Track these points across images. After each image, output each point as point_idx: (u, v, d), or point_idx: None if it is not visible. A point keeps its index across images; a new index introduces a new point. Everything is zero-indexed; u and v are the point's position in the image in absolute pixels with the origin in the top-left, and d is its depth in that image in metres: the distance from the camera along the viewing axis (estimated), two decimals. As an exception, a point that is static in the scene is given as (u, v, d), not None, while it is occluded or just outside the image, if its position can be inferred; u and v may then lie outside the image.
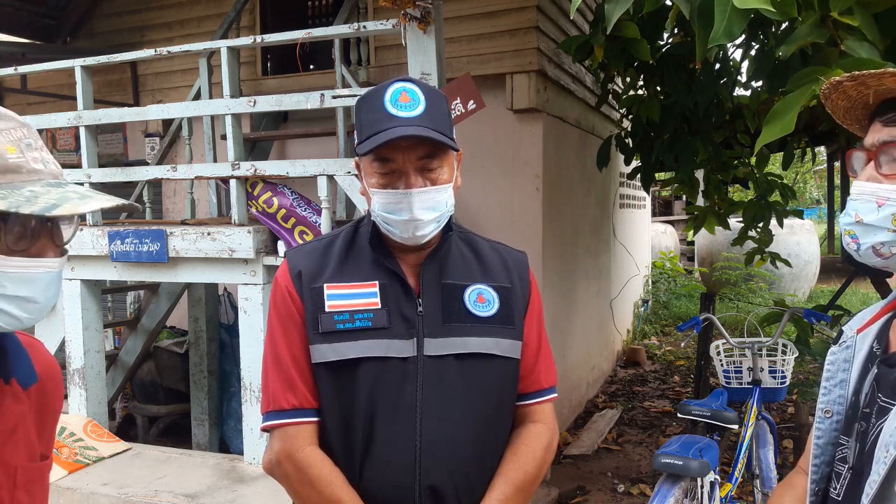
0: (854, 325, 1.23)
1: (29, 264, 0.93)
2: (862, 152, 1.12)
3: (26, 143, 0.94)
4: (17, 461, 1.02)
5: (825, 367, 1.23)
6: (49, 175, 0.96)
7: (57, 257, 0.98)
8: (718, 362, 3.73)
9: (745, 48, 4.05)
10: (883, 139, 1.07)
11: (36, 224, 0.93)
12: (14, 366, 1.02)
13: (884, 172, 1.07)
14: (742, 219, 5.26)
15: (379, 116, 1.32)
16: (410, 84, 1.35)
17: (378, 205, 1.36)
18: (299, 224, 3.55)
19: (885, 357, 1.12)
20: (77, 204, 0.91)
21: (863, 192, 1.08)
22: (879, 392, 1.09)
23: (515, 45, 4.63)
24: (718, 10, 1.99)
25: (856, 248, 1.10)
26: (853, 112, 1.16)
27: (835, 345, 1.24)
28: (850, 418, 1.15)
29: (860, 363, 1.17)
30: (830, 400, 1.19)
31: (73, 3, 6.16)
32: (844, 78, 1.09)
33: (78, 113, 3.96)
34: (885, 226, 1.06)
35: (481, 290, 1.44)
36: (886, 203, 1.05)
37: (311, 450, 1.37)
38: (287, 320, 1.40)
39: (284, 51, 5.06)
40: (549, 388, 1.52)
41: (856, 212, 1.09)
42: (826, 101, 1.16)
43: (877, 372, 1.11)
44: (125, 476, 3.50)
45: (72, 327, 4.02)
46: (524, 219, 4.81)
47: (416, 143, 1.31)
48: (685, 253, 13.76)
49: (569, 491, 4.40)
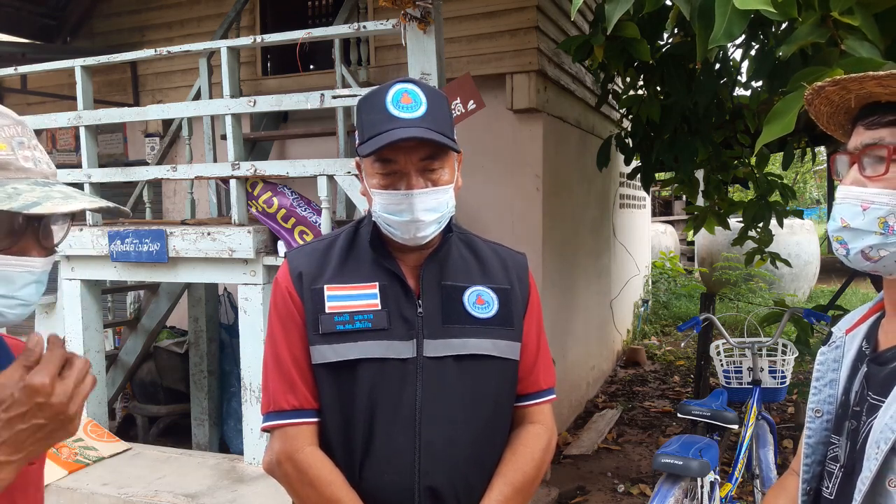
0: (843, 325, 1.24)
1: (7, 262, 0.91)
2: (846, 156, 1.12)
3: (18, 141, 0.93)
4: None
5: (815, 367, 1.23)
6: (38, 174, 0.95)
7: (41, 257, 0.97)
8: (718, 362, 3.73)
9: (745, 48, 4.05)
10: (865, 142, 1.07)
11: (21, 223, 0.92)
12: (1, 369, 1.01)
13: (867, 175, 1.07)
14: (742, 219, 5.26)
15: (380, 117, 1.32)
16: (412, 85, 1.35)
17: (379, 205, 1.36)
18: (299, 224, 3.55)
19: (875, 355, 1.12)
20: (58, 203, 0.89)
21: (847, 196, 1.08)
22: (869, 390, 1.09)
23: (515, 45, 4.62)
24: (719, 11, 1.99)
25: (845, 254, 1.10)
26: (836, 117, 1.17)
27: (824, 345, 1.25)
28: (840, 417, 1.16)
29: (849, 363, 1.17)
30: (820, 400, 1.20)
31: (73, 3, 6.16)
32: (826, 83, 1.09)
33: (78, 113, 3.96)
34: (871, 229, 1.05)
35: (481, 292, 1.44)
36: (871, 206, 1.05)
37: (312, 450, 1.37)
38: (287, 321, 1.41)
39: (284, 51, 5.06)
40: (548, 390, 1.52)
41: (842, 217, 1.09)
42: (809, 106, 1.17)
43: (866, 370, 1.12)
44: (125, 476, 3.50)
45: (72, 327, 4.02)
46: (524, 219, 4.81)
47: (417, 144, 1.31)
48: (685, 253, 13.76)
49: (569, 491, 4.40)
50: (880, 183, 1.05)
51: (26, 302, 0.96)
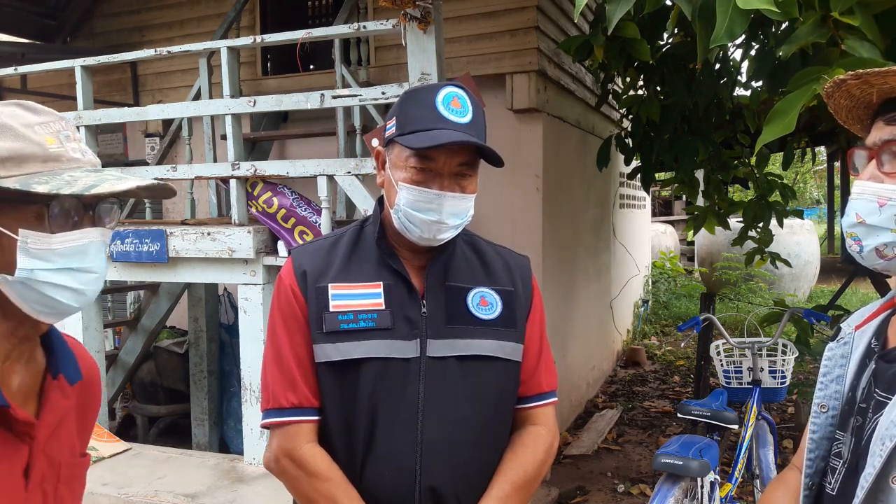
0: (853, 321, 1.23)
1: (72, 236, 0.97)
2: (864, 151, 1.10)
3: (65, 135, 0.99)
4: (61, 456, 1.06)
5: (822, 362, 1.22)
6: (88, 164, 1.00)
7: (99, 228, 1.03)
8: (718, 362, 3.73)
9: (745, 48, 4.05)
10: (885, 137, 1.06)
11: (77, 210, 0.98)
12: (62, 362, 1.07)
13: (886, 171, 1.05)
14: (742, 219, 5.26)
15: (430, 115, 1.33)
16: (461, 91, 1.37)
17: (405, 200, 1.35)
18: (299, 224, 3.55)
19: (884, 353, 1.12)
20: (114, 184, 0.95)
21: (864, 192, 1.06)
22: (876, 387, 1.09)
23: (515, 45, 4.62)
24: (720, 10, 1.99)
25: (859, 251, 1.08)
26: (855, 111, 1.16)
27: (832, 341, 1.24)
28: (845, 413, 1.15)
29: (857, 359, 1.16)
30: (826, 395, 1.19)
31: (73, 3, 6.15)
32: (848, 76, 1.08)
33: (78, 113, 3.95)
34: (888, 226, 1.03)
35: (484, 293, 1.45)
36: (888, 203, 1.03)
37: (310, 447, 1.37)
38: (290, 318, 1.41)
39: (284, 51, 5.06)
40: (550, 392, 1.53)
41: (857, 212, 1.07)
42: (829, 99, 1.16)
43: (874, 367, 1.11)
44: (125, 476, 3.50)
45: (72, 327, 4.01)
46: (524, 219, 4.81)
47: (459, 148, 1.33)
48: (685, 253, 13.76)
49: (569, 491, 4.40)
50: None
51: (101, 273, 1.01)
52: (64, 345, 1.09)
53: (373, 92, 3.38)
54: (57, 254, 0.96)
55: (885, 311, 1.18)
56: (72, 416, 1.10)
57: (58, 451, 1.05)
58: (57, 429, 1.05)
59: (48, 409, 1.03)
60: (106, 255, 1.03)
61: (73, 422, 1.10)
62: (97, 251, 1.00)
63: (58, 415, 1.05)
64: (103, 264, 1.02)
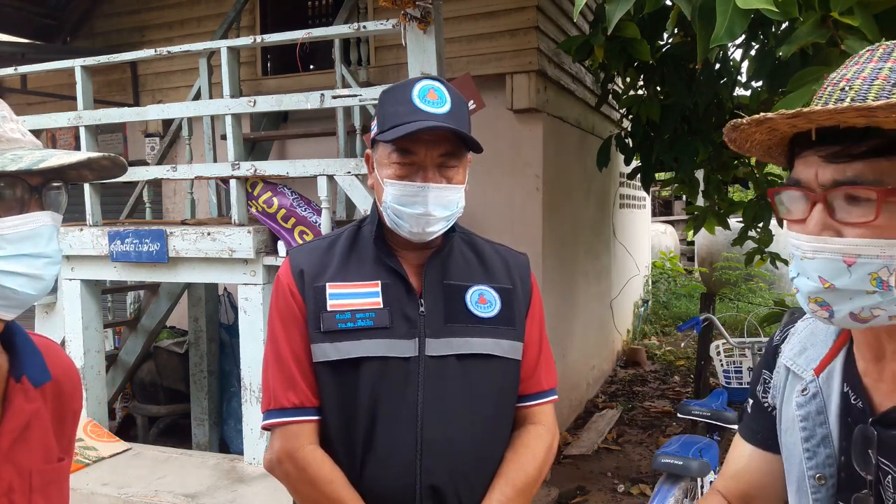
0: (804, 364, 1.06)
1: (21, 220, 0.91)
2: (799, 192, 0.89)
3: (1, 116, 0.93)
4: (31, 464, 0.99)
5: (799, 423, 1.04)
6: (30, 143, 0.95)
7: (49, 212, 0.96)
8: (718, 362, 3.73)
9: (745, 48, 4.05)
10: (837, 178, 0.85)
11: (24, 192, 0.92)
12: (25, 364, 1.00)
13: (840, 219, 0.86)
14: (742, 219, 5.26)
15: (406, 109, 1.33)
16: (438, 83, 1.37)
17: (391, 196, 1.35)
18: (299, 224, 3.55)
19: (880, 416, 0.95)
20: (62, 157, 0.89)
21: (822, 250, 0.86)
22: (881, 456, 0.93)
23: (515, 45, 4.62)
24: (720, 10, 1.99)
25: (828, 316, 0.90)
26: (780, 146, 0.96)
27: (771, 370, 1.14)
28: (843, 483, 0.98)
29: (836, 415, 1.00)
30: (819, 463, 1.01)
31: (73, 3, 6.16)
32: (777, 115, 0.86)
33: (78, 113, 3.95)
34: (862, 288, 0.85)
35: (483, 291, 1.44)
36: (858, 261, 0.84)
37: (312, 448, 1.37)
38: (288, 318, 1.40)
39: (284, 51, 5.06)
40: (550, 390, 1.52)
41: (820, 276, 0.87)
42: (733, 142, 0.97)
43: (877, 436, 0.94)
44: (125, 476, 3.50)
45: (72, 327, 4.02)
46: (524, 219, 4.81)
47: (439, 139, 1.32)
48: (685, 253, 13.75)
49: (569, 491, 4.40)
50: (864, 230, 0.84)
51: (55, 259, 0.95)
52: (28, 344, 1.02)
53: (373, 92, 3.38)
54: (6, 240, 0.89)
55: (843, 348, 1.03)
56: (43, 419, 1.03)
57: (27, 459, 0.98)
58: (23, 434, 0.98)
59: (10, 415, 0.96)
60: (58, 241, 0.97)
61: (46, 425, 1.03)
62: (49, 236, 0.94)
63: (22, 420, 0.98)
64: (57, 249, 0.96)
